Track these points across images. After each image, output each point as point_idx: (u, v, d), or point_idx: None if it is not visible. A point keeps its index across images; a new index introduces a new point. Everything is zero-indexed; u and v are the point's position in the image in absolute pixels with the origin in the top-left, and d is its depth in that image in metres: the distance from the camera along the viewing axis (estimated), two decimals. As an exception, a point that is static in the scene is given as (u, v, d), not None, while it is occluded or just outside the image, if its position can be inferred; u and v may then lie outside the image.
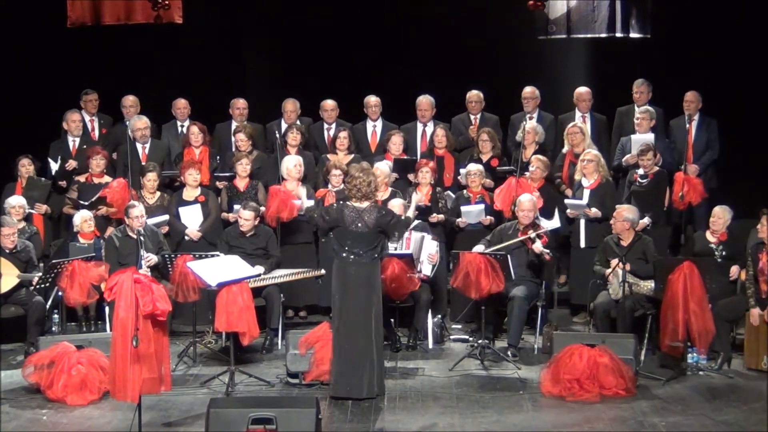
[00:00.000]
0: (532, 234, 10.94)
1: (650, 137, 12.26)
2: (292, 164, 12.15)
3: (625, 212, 10.99)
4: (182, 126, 13.40)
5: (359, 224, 9.52)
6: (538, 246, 10.90)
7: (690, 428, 8.82)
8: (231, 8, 14.12)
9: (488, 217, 12.04)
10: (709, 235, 11.00)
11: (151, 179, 12.17)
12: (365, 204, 9.59)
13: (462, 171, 12.55)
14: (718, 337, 10.23)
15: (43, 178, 12.57)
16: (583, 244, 11.94)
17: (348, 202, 9.69)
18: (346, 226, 9.53)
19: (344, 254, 9.54)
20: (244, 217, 11.40)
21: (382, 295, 10.21)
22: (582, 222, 11.91)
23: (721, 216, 10.96)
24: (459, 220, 12.08)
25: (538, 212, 11.31)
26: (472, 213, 12.04)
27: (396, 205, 11.20)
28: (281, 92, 13.47)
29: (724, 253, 10.81)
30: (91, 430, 8.94)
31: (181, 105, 13.41)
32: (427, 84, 13.39)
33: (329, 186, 12.06)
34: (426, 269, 11.19)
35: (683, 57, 13.37)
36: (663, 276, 10.14)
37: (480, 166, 12.26)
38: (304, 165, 12.27)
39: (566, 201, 12.07)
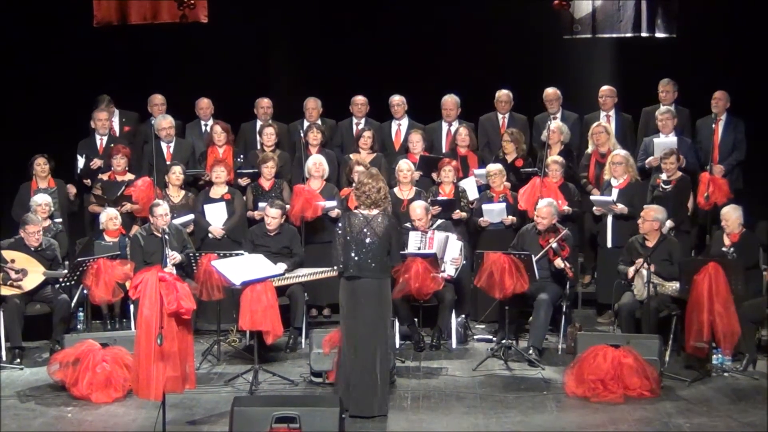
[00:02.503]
0: (553, 243, 10.89)
1: (673, 141, 12.21)
2: (312, 164, 12.18)
3: (654, 212, 10.93)
4: (205, 125, 13.44)
5: (367, 232, 9.23)
6: (559, 262, 10.86)
7: (715, 430, 8.78)
8: (256, 8, 14.12)
9: (510, 216, 12.02)
10: (725, 237, 10.94)
11: (176, 172, 12.22)
12: (374, 211, 9.32)
13: (480, 171, 12.52)
14: (744, 338, 10.16)
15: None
16: (609, 244, 11.91)
17: (356, 211, 9.46)
18: (354, 234, 9.24)
19: (351, 269, 9.21)
20: (271, 215, 11.41)
21: (401, 295, 10.26)
22: (609, 221, 11.87)
23: (729, 217, 10.86)
24: (481, 219, 12.07)
25: (557, 215, 11.25)
26: (494, 212, 12.02)
27: (419, 206, 11.20)
28: (305, 92, 13.48)
29: (734, 255, 10.71)
30: (116, 427, 8.96)
31: (204, 105, 13.46)
32: (452, 83, 13.39)
33: (353, 185, 12.07)
34: (449, 270, 11.18)
35: (710, 57, 13.31)
36: (688, 276, 10.09)
37: (499, 166, 12.23)
38: (327, 164, 12.29)
39: (591, 197, 12.06)
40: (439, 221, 11.46)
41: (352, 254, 9.21)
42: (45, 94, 13.58)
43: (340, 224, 9.41)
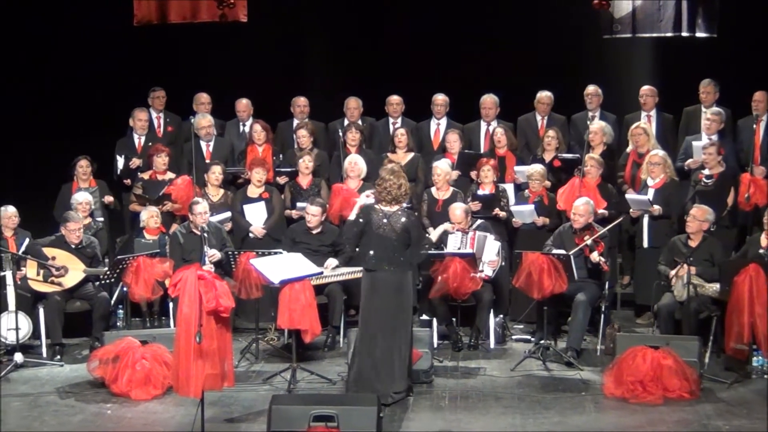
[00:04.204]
0: (588, 240, 10.85)
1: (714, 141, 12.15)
2: (348, 163, 12.21)
3: (707, 213, 10.84)
4: (244, 125, 13.49)
5: (386, 228, 9.38)
6: (594, 256, 10.80)
7: (754, 432, 8.74)
8: (295, 7, 14.16)
9: (541, 217, 11.98)
10: (763, 239, 10.83)
11: (216, 172, 12.26)
12: (394, 208, 9.46)
13: (519, 169, 12.50)
14: (785, 340, 10.09)
15: None
16: (646, 244, 11.86)
17: (376, 206, 9.57)
18: (373, 229, 9.42)
19: (372, 261, 9.40)
20: (312, 213, 11.44)
21: (439, 294, 10.29)
22: (645, 222, 11.82)
23: None
24: (513, 220, 12.05)
25: (593, 214, 11.20)
26: (524, 213, 11.99)
27: (458, 208, 11.19)
28: (344, 91, 13.51)
29: None
30: (155, 425, 9.00)
31: (243, 106, 13.51)
32: (491, 83, 13.37)
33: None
34: (487, 270, 11.16)
35: (751, 57, 13.20)
36: (728, 278, 10.02)
37: (542, 167, 12.19)
38: (365, 163, 12.31)
39: (627, 196, 12.00)
40: (479, 221, 11.44)
41: (372, 248, 9.41)
42: (85, 94, 13.65)
43: (359, 214, 9.55)
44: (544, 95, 13.25)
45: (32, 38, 13.69)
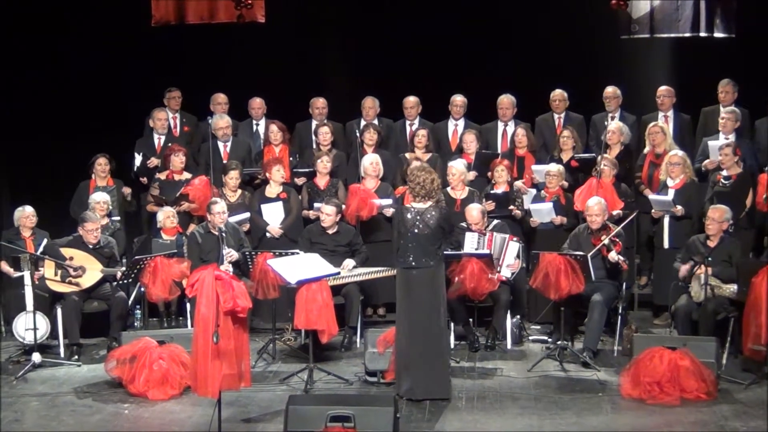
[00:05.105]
0: (605, 240, 10.82)
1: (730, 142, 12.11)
2: (369, 163, 12.20)
3: (726, 213, 10.81)
4: (257, 125, 13.51)
5: (420, 225, 9.47)
6: (613, 255, 10.77)
7: (771, 433, 8.71)
8: (313, 7, 14.15)
9: (558, 216, 11.97)
10: None
11: (233, 177, 12.28)
12: (428, 204, 9.56)
13: (537, 168, 12.49)
14: (802, 341, 10.06)
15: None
16: (666, 245, 11.83)
17: (407, 205, 9.71)
18: (408, 228, 9.51)
19: (408, 259, 9.47)
20: (327, 212, 11.45)
21: (456, 295, 10.32)
22: (666, 222, 11.80)
23: None
24: (531, 219, 12.04)
25: (606, 213, 11.18)
26: (542, 211, 11.98)
27: (475, 209, 11.19)
28: (361, 92, 13.51)
29: None
30: (172, 425, 9.02)
31: (257, 104, 13.52)
32: (509, 84, 13.35)
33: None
34: (505, 272, 11.15)
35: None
36: (746, 279, 9.99)
37: (560, 167, 12.18)
38: (382, 164, 12.31)
39: (650, 197, 11.97)
40: (495, 222, 11.44)
41: (407, 246, 9.49)
42: (103, 93, 13.68)
43: (393, 220, 9.53)
44: (557, 93, 13.24)
45: (51, 38, 13.72)
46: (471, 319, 11.29)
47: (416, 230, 9.47)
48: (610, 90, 13.13)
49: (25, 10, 13.54)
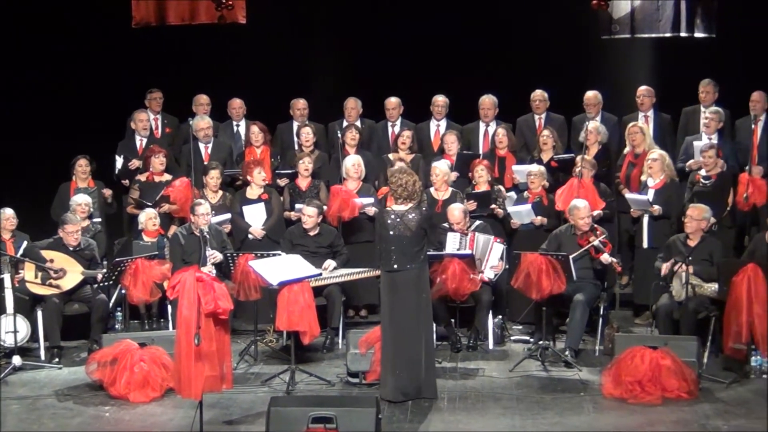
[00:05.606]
0: (595, 241, 10.84)
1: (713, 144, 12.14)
2: (351, 164, 12.19)
3: (704, 212, 10.82)
4: (237, 126, 13.50)
5: (401, 228, 9.45)
6: (606, 257, 10.78)
7: (753, 432, 8.73)
8: (294, 9, 14.14)
9: (538, 217, 11.98)
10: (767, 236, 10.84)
11: (214, 177, 12.25)
12: (408, 206, 9.55)
13: (518, 168, 12.49)
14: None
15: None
16: (646, 245, 11.86)
17: (387, 208, 9.73)
18: (388, 231, 9.50)
19: (391, 262, 9.46)
20: (308, 214, 11.43)
21: (438, 296, 10.32)
22: (645, 222, 11.83)
23: None
24: (511, 221, 12.05)
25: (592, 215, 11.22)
26: (522, 213, 11.98)
27: (457, 209, 11.20)
28: (343, 93, 13.50)
29: None
30: (153, 427, 9.00)
31: (237, 105, 13.51)
32: (490, 84, 13.35)
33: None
34: (489, 273, 11.16)
35: (749, 57, 13.20)
36: (727, 278, 10.01)
37: (541, 167, 12.20)
38: (364, 165, 12.30)
39: (627, 196, 12.01)
40: (477, 222, 11.45)
41: (389, 250, 9.47)
42: (83, 94, 13.65)
43: (376, 223, 9.70)
44: (537, 93, 13.24)
45: (31, 39, 13.69)
46: (453, 320, 11.29)
47: (397, 233, 9.47)
48: (591, 95, 13.11)
49: (4, 11, 13.49)
